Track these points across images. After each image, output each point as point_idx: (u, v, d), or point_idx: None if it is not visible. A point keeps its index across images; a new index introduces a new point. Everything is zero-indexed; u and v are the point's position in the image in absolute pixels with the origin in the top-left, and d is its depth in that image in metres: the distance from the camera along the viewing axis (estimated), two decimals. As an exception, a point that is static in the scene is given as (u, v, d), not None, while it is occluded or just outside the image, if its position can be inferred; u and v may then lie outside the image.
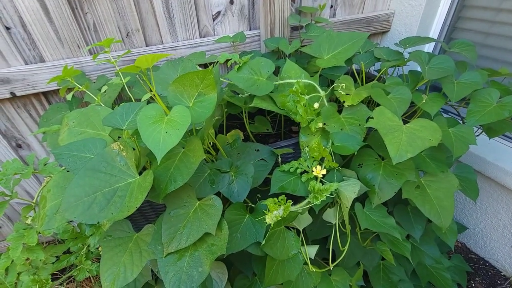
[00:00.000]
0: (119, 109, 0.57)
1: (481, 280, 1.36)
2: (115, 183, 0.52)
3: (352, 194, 0.71)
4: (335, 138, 0.79)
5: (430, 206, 0.74)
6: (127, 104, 0.58)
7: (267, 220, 0.56)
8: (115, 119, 0.56)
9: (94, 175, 0.52)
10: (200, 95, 0.57)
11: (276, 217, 0.57)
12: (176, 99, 0.57)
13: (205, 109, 0.56)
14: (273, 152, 0.84)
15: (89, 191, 0.50)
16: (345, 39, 0.78)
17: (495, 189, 1.26)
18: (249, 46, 1.34)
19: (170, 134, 0.48)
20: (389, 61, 0.95)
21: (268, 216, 0.56)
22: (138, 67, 0.47)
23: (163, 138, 0.48)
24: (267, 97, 0.88)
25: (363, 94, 0.82)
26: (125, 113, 0.57)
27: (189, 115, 0.50)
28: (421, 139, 0.66)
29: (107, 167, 0.53)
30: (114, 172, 0.53)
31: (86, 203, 0.50)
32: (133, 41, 1.19)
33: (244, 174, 0.69)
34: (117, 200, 0.51)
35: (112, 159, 0.53)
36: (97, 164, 0.52)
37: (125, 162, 0.53)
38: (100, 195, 0.51)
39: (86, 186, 0.51)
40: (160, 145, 0.47)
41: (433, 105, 0.78)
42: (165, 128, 0.49)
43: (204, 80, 0.56)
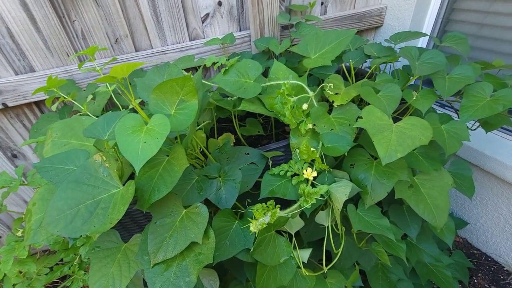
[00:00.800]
0: (100, 120, 0.56)
1: (483, 275, 1.34)
2: (98, 194, 0.51)
3: (343, 196, 0.70)
4: (325, 139, 0.77)
5: (424, 205, 0.73)
6: (109, 113, 0.58)
7: (252, 229, 0.55)
8: (96, 130, 0.55)
9: (77, 188, 0.51)
10: (181, 102, 0.56)
11: (262, 225, 0.56)
12: (157, 107, 0.56)
13: (186, 116, 0.55)
14: (263, 155, 0.83)
15: (71, 204, 0.50)
16: (332, 38, 0.77)
17: (495, 183, 1.24)
18: (240, 47, 1.33)
19: (149, 144, 0.47)
20: (380, 57, 0.93)
21: (252, 223, 0.55)
22: (113, 77, 0.47)
23: (141, 148, 0.47)
24: (255, 100, 0.87)
25: (352, 93, 0.81)
26: (106, 124, 0.56)
27: (168, 124, 0.49)
28: (412, 138, 0.65)
29: (90, 179, 0.52)
30: (97, 184, 0.52)
31: (68, 216, 0.49)
32: (122, 47, 1.18)
33: (231, 179, 0.68)
34: (100, 212, 0.50)
35: (95, 171, 0.53)
36: (80, 176, 0.52)
37: (108, 173, 0.52)
38: (83, 207, 0.50)
39: (69, 199, 0.50)
40: (138, 156, 0.46)
41: (424, 102, 0.76)
42: (144, 138, 0.48)
43: (184, 87, 0.55)
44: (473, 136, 1.00)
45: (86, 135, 0.54)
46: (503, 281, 1.31)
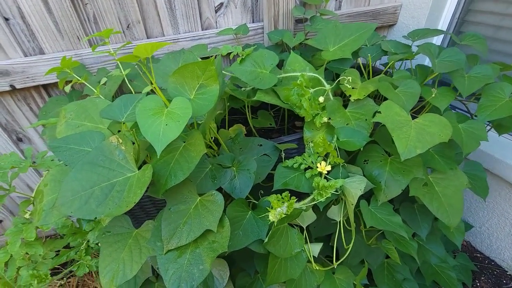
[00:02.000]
0: (117, 101, 0.55)
1: (486, 279, 1.34)
2: (113, 177, 0.50)
3: (358, 191, 0.69)
4: (341, 133, 0.76)
5: (438, 204, 0.72)
6: (125, 96, 0.56)
7: (271, 218, 0.54)
8: (113, 112, 0.54)
9: (92, 169, 0.50)
10: (202, 87, 0.55)
11: (280, 215, 0.55)
12: (176, 91, 0.55)
13: (206, 101, 0.53)
14: (276, 147, 0.82)
15: (86, 185, 0.49)
16: (352, 30, 0.75)
17: (503, 187, 1.23)
18: (252, 39, 1.31)
19: (170, 126, 0.46)
20: (397, 54, 0.91)
21: (271, 213, 0.54)
22: (136, 56, 0.45)
23: (163, 131, 0.46)
24: (270, 91, 0.86)
25: (370, 88, 0.79)
26: (123, 105, 0.55)
27: (190, 107, 0.48)
28: (431, 134, 0.64)
29: (105, 161, 0.51)
30: (113, 166, 0.51)
31: (83, 197, 0.48)
32: (134, 33, 1.16)
33: (246, 169, 0.67)
34: (115, 195, 0.49)
35: (110, 153, 0.51)
36: (95, 158, 0.51)
37: (124, 156, 0.51)
38: (97, 189, 0.49)
39: (84, 180, 0.49)
40: (160, 138, 0.45)
41: (443, 100, 0.75)
42: (165, 121, 0.47)
43: (206, 71, 0.53)
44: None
45: (103, 116, 0.53)
46: (506, 285, 1.31)
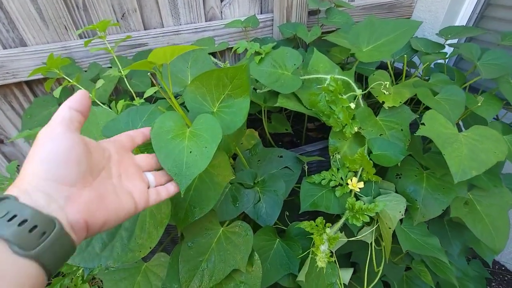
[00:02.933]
0: (123, 116, 0.44)
1: (497, 285, 1.32)
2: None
3: (397, 213, 0.61)
4: (374, 145, 0.68)
5: (482, 226, 0.65)
6: (133, 109, 0.45)
7: (320, 264, 0.46)
8: (119, 129, 0.43)
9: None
10: (228, 98, 0.44)
11: (326, 256, 0.46)
12: (196, 103, 0.44)
13: (235, 117, 0.43)
14: (297, 158, 0.73)
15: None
16: (390, 28, 0.65)
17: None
18: (261, 32, 1.20)
19: (195, 154, 0.36)
20: (429, 54, 0.83)
21: (318, 258, 0.46)
22: (151, 62, 0.34)
23: (187, 161, 0.36)
24: (291, 95, 0.76)
25: (405, 93, 0.71)
26: (131, 121, 0.44)
27: (219, 128, 0.38)
28: (485, 152, 0.56)
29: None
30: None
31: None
32: (130, 23, 1.03)
33: (272, 190, 0.58)
34: (123, 235, 0.39)
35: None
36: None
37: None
38: None
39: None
40: (183, 171, 0.35)
41: (489, 110, 0.67)
42: (189, 146, 0.37)
43: (235, 79, 0.43)
44: None
45: (107, 135, 0.42)
46: (517, 291, 1.29)
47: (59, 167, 0.26)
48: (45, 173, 0.26)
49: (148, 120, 0.43)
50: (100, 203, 0.28)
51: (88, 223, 0.27)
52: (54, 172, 0.26)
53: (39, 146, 0.27)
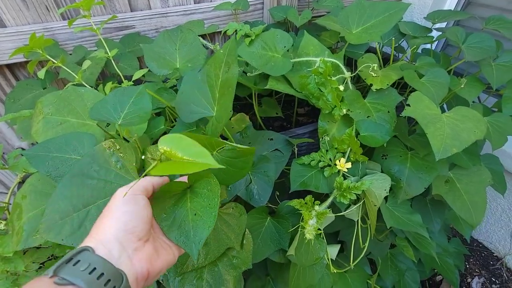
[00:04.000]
0: (110, 97, 0.44)
1: (475, 261, 1.40)
2: (112, 191, 0.40)
3: (382, 191, 0.64)
4: (361, 127, 0.70)
5: (461, 202, 0.69)
6: (120, 89, 0.45)
7: (308, 236, 0.48)
8: (107, 111, 0.43)
9: (84, 183, 0.40)
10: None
11: (314, 229, 0.48)
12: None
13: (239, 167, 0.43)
14: (288, 141, 0.74)
15: (78, 204, 0.39)
16: (380, 10, 0.66)
17: (500, 175, 1.25)
18: (251, 15, 1.18)
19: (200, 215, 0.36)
20: (417, 38, 0.84)
21: (307, 230, 0.48)
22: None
23: (193, 226, 0.36)
24: (281, 78, 0.76)
25: (392, 76, 0.72)
26: (118, 102, 0.44)
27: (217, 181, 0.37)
28: (466, 131, 0.58)
29: (99, 172, 0.40)
30: (110, 178, 0.41)
31: (75, 220, 0.38)
32: (115, 4, 0.99)
33: (263, 172, 0.59)
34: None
35: (105, 161, 0.41)
36: (86, 168, 0.40)
37: (123, 165, 0.41)
38: (93, 208, 0.39)
39: (74, 197, 0.39)
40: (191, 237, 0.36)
41: (471, 91, 0.69)
42: (192, 208, 0.37)
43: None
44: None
45: (94, 117, 0.42)
46: (492, 266, 1.37)
47: (137, 221, 0.33)
48: (124, 225, 0.32)
49: (136, 102, 0.43)
50: (157, 255, 0.34)
51: (149, 272, 0.33)
52: (132, 225, 0.32)
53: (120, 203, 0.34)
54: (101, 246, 0.30)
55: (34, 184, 0.48)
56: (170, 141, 0.32)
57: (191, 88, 0.53)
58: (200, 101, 0.53)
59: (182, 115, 0.53)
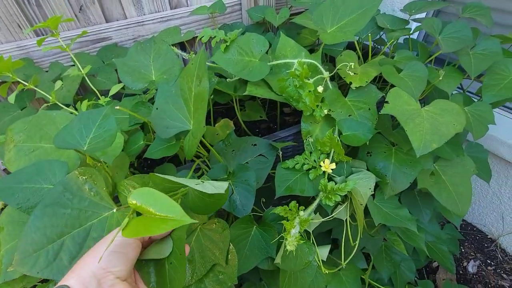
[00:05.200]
0: (75, 122, 0.43)
1: (469, 244, 1.42)
2: (86, 220, 0.40)
3: (367, 190, 0.64)
4: (344, 126, 0.69)
5: (447, 194, 0.69)
6: (85, 113, 0.44)
7: (289, 248, 0.47)
8: (71, 137, 0.42)
9: (57, 213, 0.39)
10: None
11: (296, 239, 0.48)
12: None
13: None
14: (272, 145, 0.74)
15: (52, 235, 0.38)
16: (353, 7, 0.65)
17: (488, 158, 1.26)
18: (229, 17, 1.17)
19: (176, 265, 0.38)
20: (395, 30, 0.83)
21: (288, 242, 0.47)
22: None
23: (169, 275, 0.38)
24: (261, 82, 0.75)
25: (371, 72, 0.72)
26: (83, 127, 0.43)
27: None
28: (445, 125, 0.59)
29: (73, 200, 0.40)
30: (83, 206, 0.40)
31: (50, 252, 0.38)
32: (89, 16, 0.98)
33: (244, 180, 0.58)
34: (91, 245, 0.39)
35: (78, 189, 0.40)
36: (59, 197, 0.39)
37: (97, 191, 0.41)
38: (68, 239, 0.38)
39: (48, 228, 0.38)
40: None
41: (450, 82, 0.69)
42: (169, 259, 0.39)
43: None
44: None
45: (58, 146, 0.41)
46: (487, 249, 1.39)
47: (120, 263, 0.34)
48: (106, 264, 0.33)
49: (101, 124, 0.42)
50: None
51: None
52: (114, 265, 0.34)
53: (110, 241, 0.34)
54: (79, 283, 0.32)
55: (11, 214, 0.47)
56: (141, 196, 0.32)
57: (166, 102, 0.52)
58: (175, 115, 0.52)
59: (159, 131, 0.52)
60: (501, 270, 1.32)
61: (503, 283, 1.28)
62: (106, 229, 0.39)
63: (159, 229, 0.30)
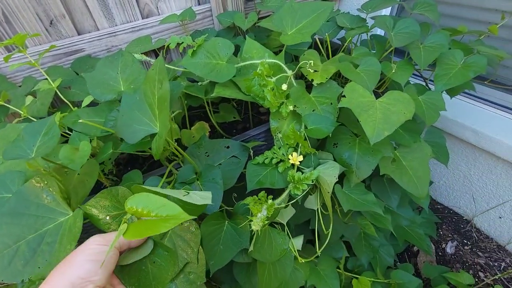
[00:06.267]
0: (22, 134, 0.46)
1: (447, 227, 1.49)
2: (42, 226, 0.42)
3: (333, 178, 0.68)
4: (308, 121, 0.74)
5: (407, 178, 0.74)
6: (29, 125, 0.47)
7: (254, 228, 0.51)
8: (19, 148, 0.44)
9: (14, 221, 0.41)
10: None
11: (262, 221, 0.51)
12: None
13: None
14: (244, 146, 0.77)
15: (8, 241, 0.40)
16: (309, 11, 0.70)
17: (456, 144, 1.33)
18: (201, 23, 1.20)
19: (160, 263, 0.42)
20: (353, 29, 0.89)
21: (253, 222, 0.51)
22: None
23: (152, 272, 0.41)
24: (230, 83, 0.79)
25: (331, 69, 0.76)
26: (30, 137, 0.45)
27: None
28: (396, 113, 0.64)
29: (30, 207, 0.42)
30: (40, 212, 0.42)
31: (6, 257, 0.39)
32: (61, 29, 0.99)
33: (211, 179, 0.62)
34: (45, 249, 0.41)
35: (36, 196, 0.43)
36: (16, 206, 0.42)
37: (54, 198, 0.43)
38: (23, 244, 0.40)
39: (5, 236, 0.40)
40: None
41: (403, 74, 0.75)
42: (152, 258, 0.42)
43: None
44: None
45: (7, 158, 0.43)
46: (463, 229, 1.47)
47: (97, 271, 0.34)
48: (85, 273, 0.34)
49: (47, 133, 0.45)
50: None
51: None
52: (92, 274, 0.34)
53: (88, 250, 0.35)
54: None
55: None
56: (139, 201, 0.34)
57: (131, 109, 0.55)
58: (141, 120, 0.55)
59: (126, 137, 0.55)
60: (476, 248, 1.39)
61: (479, 261, 1.35)
62: (60, 234, 0.42)
63: (161, 228, 0.32)
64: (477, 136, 1.21)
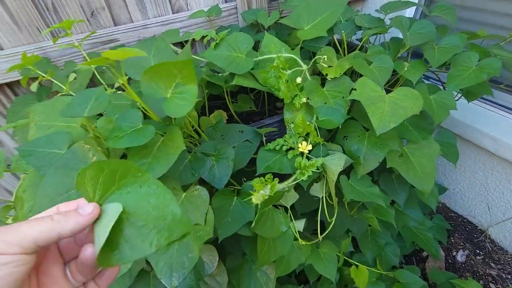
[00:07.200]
0: (76, 99, 0.53)
1: (459, 235, 1.46)
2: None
3: (338, 167, 0.72)
4: (320, 112, 0.78)
5: (413, 173, 0.76)
6: (84, 91, 0.55)
7: (254, 200, 0.56)
8: (74, 109, 0.52)
9: (66, 173, 0.49)
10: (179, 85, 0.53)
11: (263, 196, 0.56)
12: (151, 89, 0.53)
13: (186, 102, 0.52)
14: (257, 132, 0.83)
15: (62, 190, 0.48)
16: (324, 8, 0.74)
17: (473, 151, 1.31)
18: (226, 20, 1.27)
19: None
20: (371, 28, 0.92)
21: (254, 196, 0.56)
22: (107, 58, 0.44)
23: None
24: (248, 75, 0.85)
25: (345, 65, 0.80)
26: (83, 101, 0.53)
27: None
28: (404, 108, 0.66)
29: (80, 164, 0.50)
30: (87, 168, 0.50)
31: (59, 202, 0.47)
32: (99, 20, 1.10)
33: (225, 157, 0.67)
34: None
35: (84, 156, 0.50)
36: (69, 161, 0.50)
37: (98, 157, 0.51)
38: (74, 193, 0.48)
39: (59, 185, 0.48)
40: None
41: (415, 73, 0.77)
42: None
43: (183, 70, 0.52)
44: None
45: (64, 115, 0.51)
46: (476, 239, 1.43)
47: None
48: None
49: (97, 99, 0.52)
50: None
51: None
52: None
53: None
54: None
55: (31, 179, 0.58)
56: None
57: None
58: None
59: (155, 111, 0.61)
60: (489, 259, 1.36)
61: (491, 272, 1.32)
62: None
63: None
64: (495, 144, 1.19)
